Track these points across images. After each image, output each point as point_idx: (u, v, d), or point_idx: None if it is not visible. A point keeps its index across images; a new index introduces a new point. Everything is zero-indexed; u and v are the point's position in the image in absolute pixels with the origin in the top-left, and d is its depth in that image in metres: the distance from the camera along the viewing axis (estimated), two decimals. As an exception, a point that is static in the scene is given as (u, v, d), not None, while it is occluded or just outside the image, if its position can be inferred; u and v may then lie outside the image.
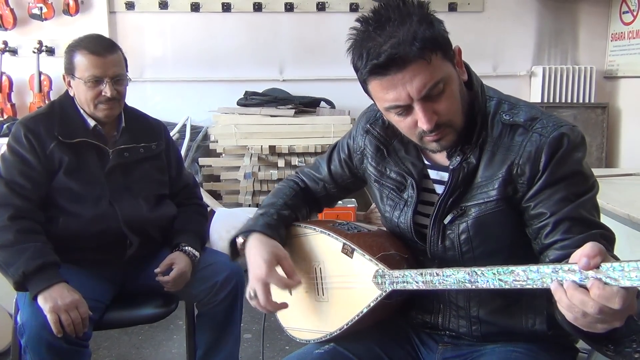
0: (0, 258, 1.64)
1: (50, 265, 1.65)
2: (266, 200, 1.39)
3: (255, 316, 2.88)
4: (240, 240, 1.29)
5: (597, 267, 0.75)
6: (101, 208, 1.79)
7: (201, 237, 1.98)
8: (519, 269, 0.85)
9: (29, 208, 1.72)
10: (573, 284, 0.78)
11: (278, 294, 1.21)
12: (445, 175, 1.16)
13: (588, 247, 0.77)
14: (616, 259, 0.80)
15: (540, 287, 0.83)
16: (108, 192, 1.81)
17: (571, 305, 0.79)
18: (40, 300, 1.58)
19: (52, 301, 1.57)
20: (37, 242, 1.67)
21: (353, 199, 3.60)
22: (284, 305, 1.23)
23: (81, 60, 1.76)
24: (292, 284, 1.21)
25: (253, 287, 1.20)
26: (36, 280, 1.61)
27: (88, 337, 1.66)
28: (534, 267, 0.83)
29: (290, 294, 1.24)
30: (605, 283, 0.74)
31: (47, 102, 3.98)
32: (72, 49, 1.79)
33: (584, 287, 0.77)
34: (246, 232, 1.27)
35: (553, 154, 1.05)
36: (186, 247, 1.87)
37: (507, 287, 0.87)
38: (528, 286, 0.84)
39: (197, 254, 1.88)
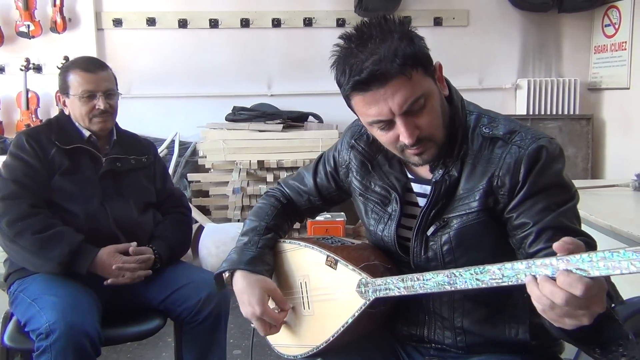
0: (36, 243, 1.71)
1: (84, 243, 1.79)
2: (247, 222, 1.40)
3: (244, 332, 2.87)
4: (226, 274, 1.31)
5: (569, 250, 0.79)
6: (92, 206, 1.87)
7: (176, 245, 2.02)
8: (494, 267, 0.88)
9: (40, 203, 1.81)
10: (545, 277, 0.81)
11: None
12: (428, 189, 1.18)
13: (562, 239, 0.80)
14: None
15: (515, 283, 0.85)
16: (100, 193, 1.89)
17: (540, 296, 0.81)
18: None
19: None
20: (63, 226, 1.78)
21: (342, 213, 3.61)
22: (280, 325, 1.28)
23: (75, 78, 1.89)
24: (284, 317, 1.26)
25: (252, 323, 1.26)
26: (82, 256, 1.75)
27: (99, 354, 1.66)
28: (508, 265, 0.86)
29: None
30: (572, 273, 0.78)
31: (34, 119, 4.00)
32: (65, 70, 1.94)
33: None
34: (231, 269, 1.29)
35: (532, 165, 1.08)
36: (156, 252, 1.92)
37: (484, 286, 0.89)
38: (504, 284, 0.87)
39: (161, 260, 1.92)
